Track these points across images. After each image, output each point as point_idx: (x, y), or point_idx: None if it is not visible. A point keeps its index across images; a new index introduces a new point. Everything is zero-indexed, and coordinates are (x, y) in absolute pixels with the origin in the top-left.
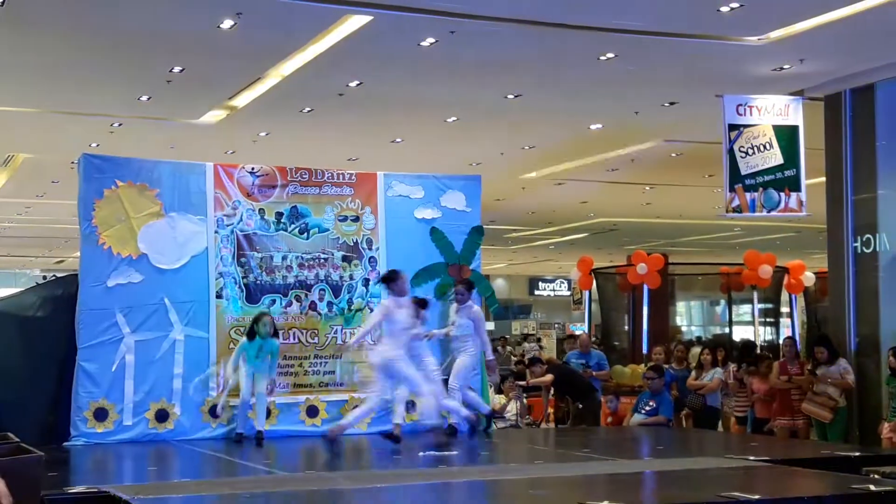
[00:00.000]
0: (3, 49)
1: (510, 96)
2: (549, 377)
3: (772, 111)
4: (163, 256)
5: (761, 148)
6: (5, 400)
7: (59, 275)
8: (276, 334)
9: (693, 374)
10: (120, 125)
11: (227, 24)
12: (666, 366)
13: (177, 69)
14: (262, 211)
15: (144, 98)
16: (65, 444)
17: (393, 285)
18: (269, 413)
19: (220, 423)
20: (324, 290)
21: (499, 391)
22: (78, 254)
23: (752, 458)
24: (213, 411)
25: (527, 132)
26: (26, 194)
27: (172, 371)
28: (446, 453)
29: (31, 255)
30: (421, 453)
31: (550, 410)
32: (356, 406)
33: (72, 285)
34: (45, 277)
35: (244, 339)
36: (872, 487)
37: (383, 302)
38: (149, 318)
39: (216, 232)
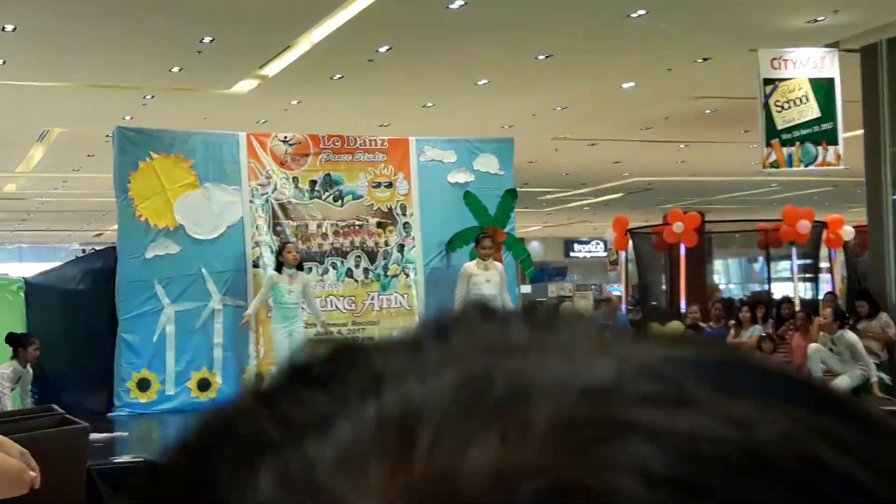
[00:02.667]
0: (34, 24)
1: (541, 57)
2: None
3: (807, 64)
4: (199, 227)
5: (797, 102)
6: (49, 372)
7: (98, 248)
8: (300, 267)
9: (732, 332)
10: (153, 97)
11: None
12: (703, 324)
13: (207, 39)
14: (295, 179)
15: (176, 69)
16: (109, 414)
17: None
18: None
19: None
20: (360, 256)
21: None
22: (116, 226)
23: None
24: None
25: (559, 93)
26: (62, 168)
27: (213, 340)
28: None
29: (70, 229)
30: None
31: None
32: None
33: (111, 258)
34: (84, 251)
35: (271, 270)
36: None
37: None
38: (187, 289)
39: (251, 201)
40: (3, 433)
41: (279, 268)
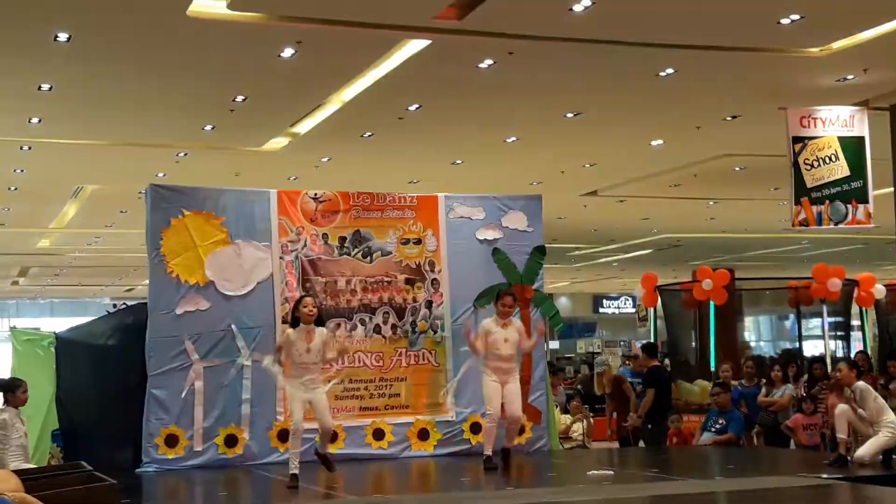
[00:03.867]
0: (70, 83)
1: (570, 115)
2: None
3: (836, 122)
4: (229, 283)
5: (827, 160)
6: (78, 428)
7: (129, 303)
8: (320, 322)
9: (763, 390)
10: (185, 155)
11: (287, 52)
12: (735, 382)
13: (240, 98)
14: (325, 236)
15: (209, 128)
16: (137, 470)
17: None
18: (335, 436)
19: (288, 449)
20: (388, 313)
21: (565, 411)
22: (147, 282)
23: (825, 476)
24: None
25: (587, 150)
26: (95, 224)
27: (241, 397)
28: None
29: (102, 284)
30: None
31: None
32: None
33: (141, 313)
34: (115, 306)
35: (287, 328)
36: None
37: None
38: (217, 345)
39: (281, 258)
40: (30, 490)
41: (295, 323)
